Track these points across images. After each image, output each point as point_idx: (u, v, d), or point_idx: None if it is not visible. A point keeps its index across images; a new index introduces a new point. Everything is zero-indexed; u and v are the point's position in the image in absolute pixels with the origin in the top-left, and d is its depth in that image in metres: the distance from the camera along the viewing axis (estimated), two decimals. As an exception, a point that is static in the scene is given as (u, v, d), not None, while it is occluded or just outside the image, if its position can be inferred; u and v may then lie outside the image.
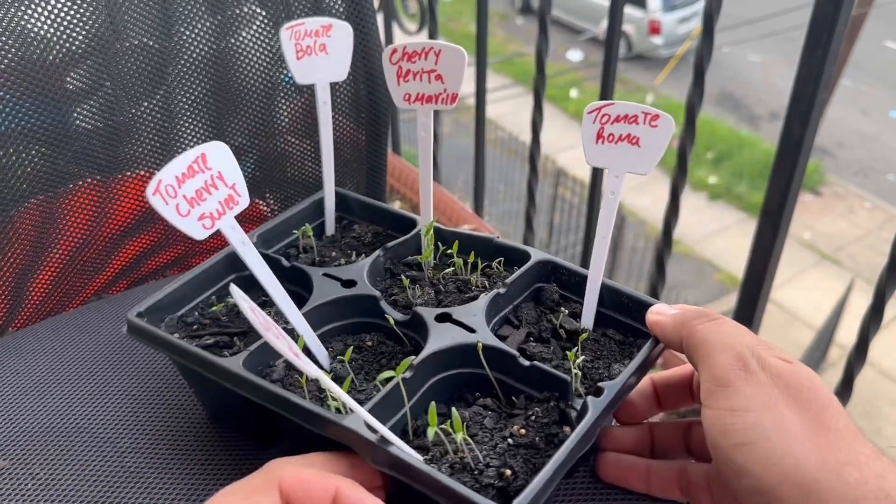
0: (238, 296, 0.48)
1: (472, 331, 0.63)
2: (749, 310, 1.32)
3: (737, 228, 7.54)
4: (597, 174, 1.49)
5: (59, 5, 0.76)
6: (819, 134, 1.15)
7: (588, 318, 0.69)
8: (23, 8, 0.74)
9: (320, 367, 0.64)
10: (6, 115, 0.76)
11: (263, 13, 0.93)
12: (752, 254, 1.27)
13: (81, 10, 0.78)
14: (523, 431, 0.57)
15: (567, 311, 0.70)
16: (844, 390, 1.10)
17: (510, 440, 0.56)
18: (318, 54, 0.74)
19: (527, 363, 0.60)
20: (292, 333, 0.62)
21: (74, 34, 0.78)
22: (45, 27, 0.76)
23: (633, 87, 9.58)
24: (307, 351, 0.62)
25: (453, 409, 0.55)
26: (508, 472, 0.52)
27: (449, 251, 0.76)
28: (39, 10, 0.75)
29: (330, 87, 0.77)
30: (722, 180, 8.17)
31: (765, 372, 0.50)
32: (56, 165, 0.81)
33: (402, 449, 0.51)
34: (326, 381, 0.49)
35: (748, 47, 9.82)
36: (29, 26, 0.75)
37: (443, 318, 0.65)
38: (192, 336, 0.68)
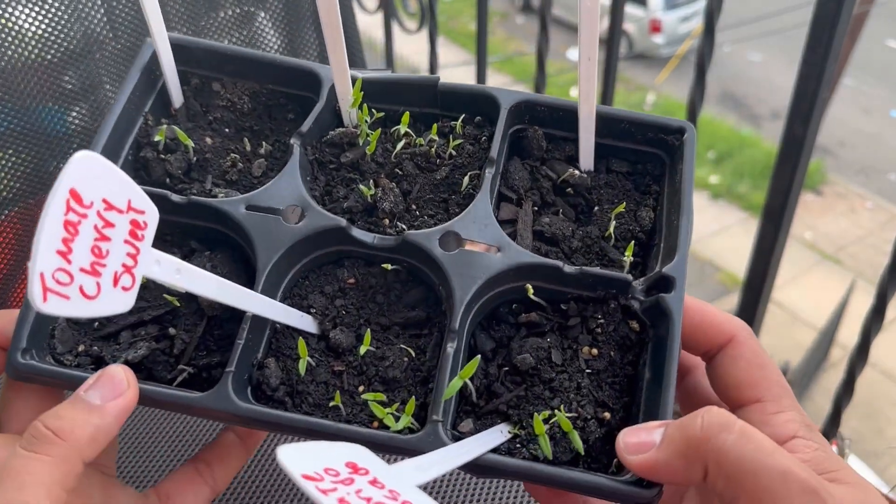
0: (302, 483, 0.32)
1: (497, 249, 0.52)
2: (751, 310, 1.32)
3: (738, 228, 7.53)
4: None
5: (57, 5, 0.76)
6: (820, 133, 1.15)
7: (587, 160, 0.60)
8: (20, 7, 0.74)
9: (310, 335, 0.53)
10: None
11: (263, 13, 0.92)
12: (754, 253, 1.27)
13: (79, 10, 0.78)
14: (595, 352, 0.50)
15: (561, 157, 0.60)
16: (846, 391, 1.10)
17: (588, 370, 0.49)
18: None
19: (573, 270, 0.51)
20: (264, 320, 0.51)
21: (72, 34, 0.78)
22: (43, 27, 0.76)
23: (634, 87, 9.58)
24: (293, 329, 0.53)
25: (541, 425, 0.46)
26: (608, 414, 0.48)
27: (382, 111, 0.59)
28: (36, 9, 0.75)
29: None
30: (723, 179, 8.17)
31: None
32: (49, 168, 0.81)
33: (520, 462, 0.46)
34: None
35: (750, 46, 9.82)
36: (25, 26, 0.75)
37: (447, 239, 0.52)
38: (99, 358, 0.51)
